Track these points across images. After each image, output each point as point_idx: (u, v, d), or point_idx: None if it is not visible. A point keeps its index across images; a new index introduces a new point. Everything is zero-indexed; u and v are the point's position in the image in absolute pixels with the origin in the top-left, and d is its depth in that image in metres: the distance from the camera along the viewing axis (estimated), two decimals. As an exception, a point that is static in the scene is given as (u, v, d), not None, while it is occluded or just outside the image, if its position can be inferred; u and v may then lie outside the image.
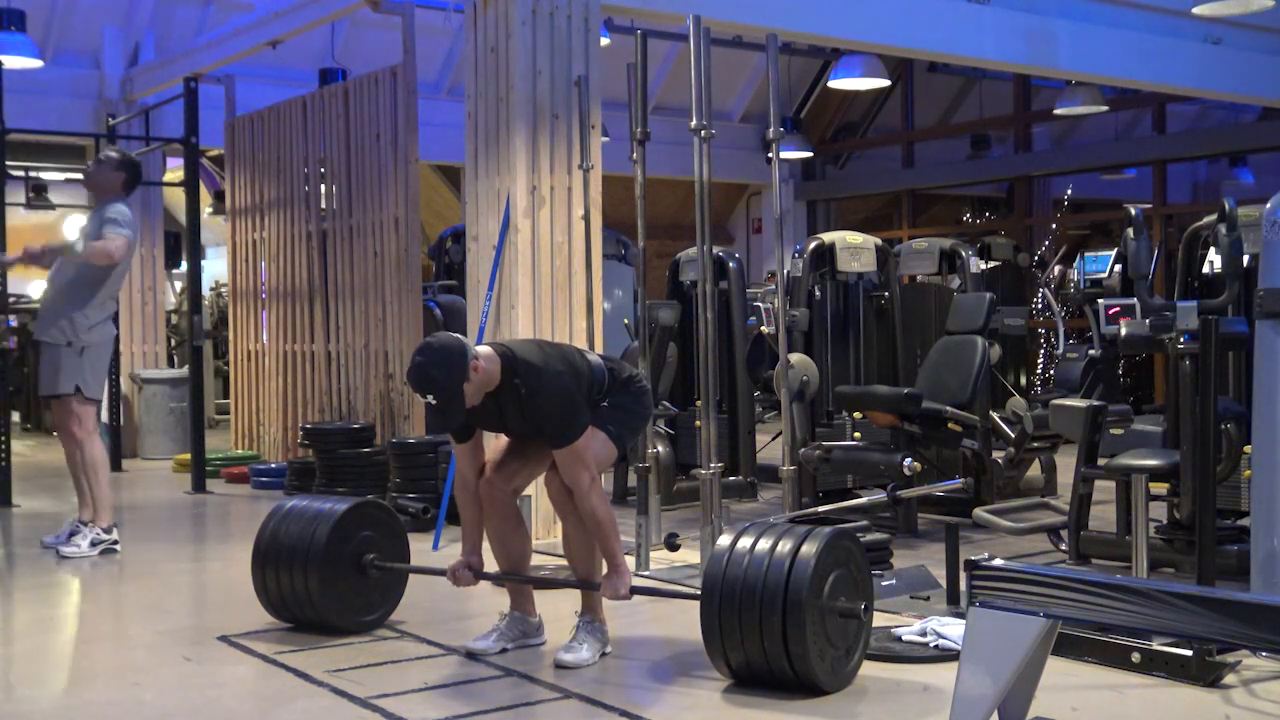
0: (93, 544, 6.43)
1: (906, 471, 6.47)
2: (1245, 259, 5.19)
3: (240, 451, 10.22)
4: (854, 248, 7.72)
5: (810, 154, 15.59)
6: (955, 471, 6.99)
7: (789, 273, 7.28)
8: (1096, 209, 16.28)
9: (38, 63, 9.74)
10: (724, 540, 4.14)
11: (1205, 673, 3.95)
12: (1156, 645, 4.05)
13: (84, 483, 6.54)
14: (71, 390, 6.45)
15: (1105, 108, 13.22)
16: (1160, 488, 5.55)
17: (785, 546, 3.97)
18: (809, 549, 3.94)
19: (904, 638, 4.46)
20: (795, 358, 6.82)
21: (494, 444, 4.53)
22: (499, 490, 4.45)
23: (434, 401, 4.10)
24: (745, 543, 4.05)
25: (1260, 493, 4.43)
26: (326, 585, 4.70)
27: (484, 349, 4.24)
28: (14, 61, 9.31)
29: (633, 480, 6.79)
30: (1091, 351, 8.35)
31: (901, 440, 6.75)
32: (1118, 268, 10.72)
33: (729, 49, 12.07)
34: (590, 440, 4.27)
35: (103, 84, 11.44)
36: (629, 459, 6.93)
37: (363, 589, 4.83)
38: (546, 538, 6.40)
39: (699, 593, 4.09)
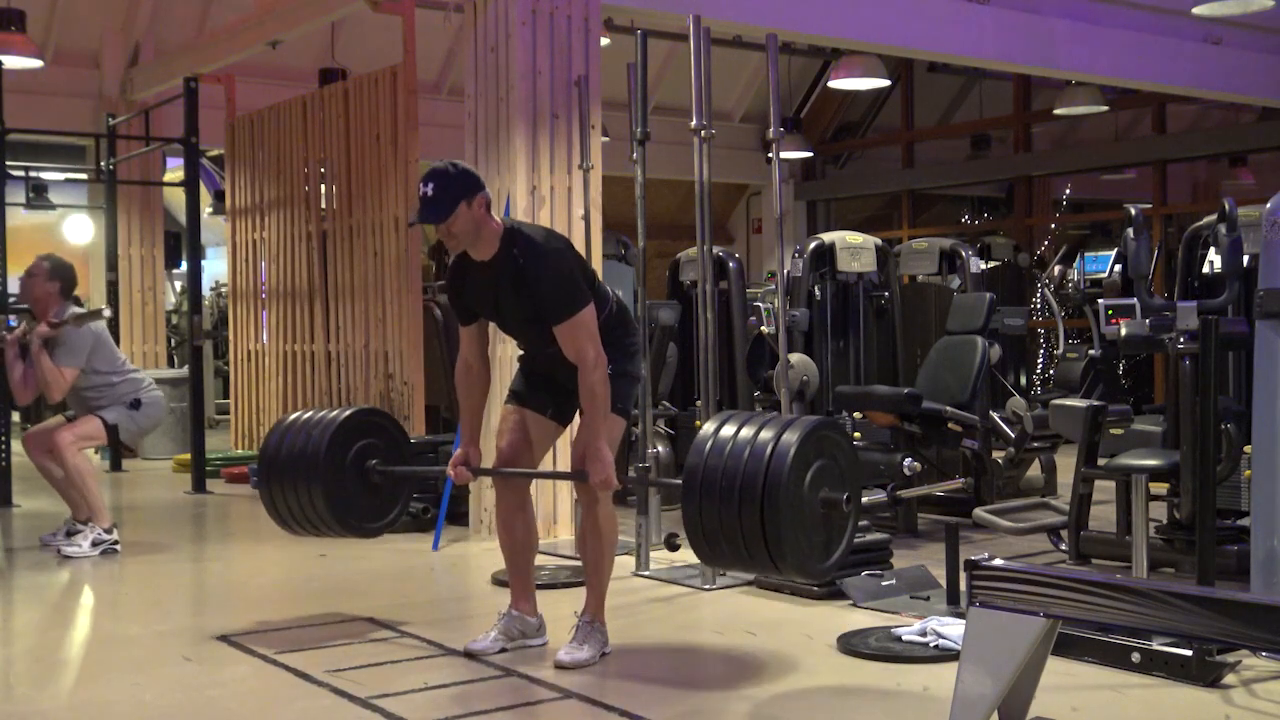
0: (94, 544, 6.43)
1: (906, 471, 6.47)
2: (1245, 259, 5.19)
3: (240, 451, 10.22)
4: (854, 248, 7.71)
5: (810, 154, 15.57)
6: (955, 471, 6.99)
7: (789, 273, 7.28)
8: (1096, 209, 16.28)
9: (38, 63, 9.74)
10: (707, 427, 4.07)
11: (1205, 673, 3.95)
12: (1156, 645, 4.05)
13: (72, 493, 6.55)
14: (110, 422, 6.55)
15: (1105, 108, 13.22)
16: (1160, 488, 5.55)
17: (766, 435, 3.89)
18: (790, 438, 3.85)
19: (904, 638, 4.46)
20: (795, 358, 6.82)
21: (501, 441, 4.50)
22: (509, 482, 4.49)
23: (429, 192, 4.16)
24: (728, 431, 3.98)
25: (1260, 493, 4.43)
26: (332, 496, 4.70)
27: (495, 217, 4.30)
28: (14, 61, 9.31)
29: (633, 480, 6.79)
30: (1091, 351, 8.35)
31: (901, 440, 6.75)
32: (1118, 268, 10.73)
33: (729, 49, 12.07)
34: (593, 314, 4.25)
35: (103, 84, 11.45)
36: (629, 460, 6.94)
37: (369, 496, 4.83)
38: (545, 538, 6.40)
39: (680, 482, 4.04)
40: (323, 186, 9.46)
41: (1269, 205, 4.40)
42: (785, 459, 3.80)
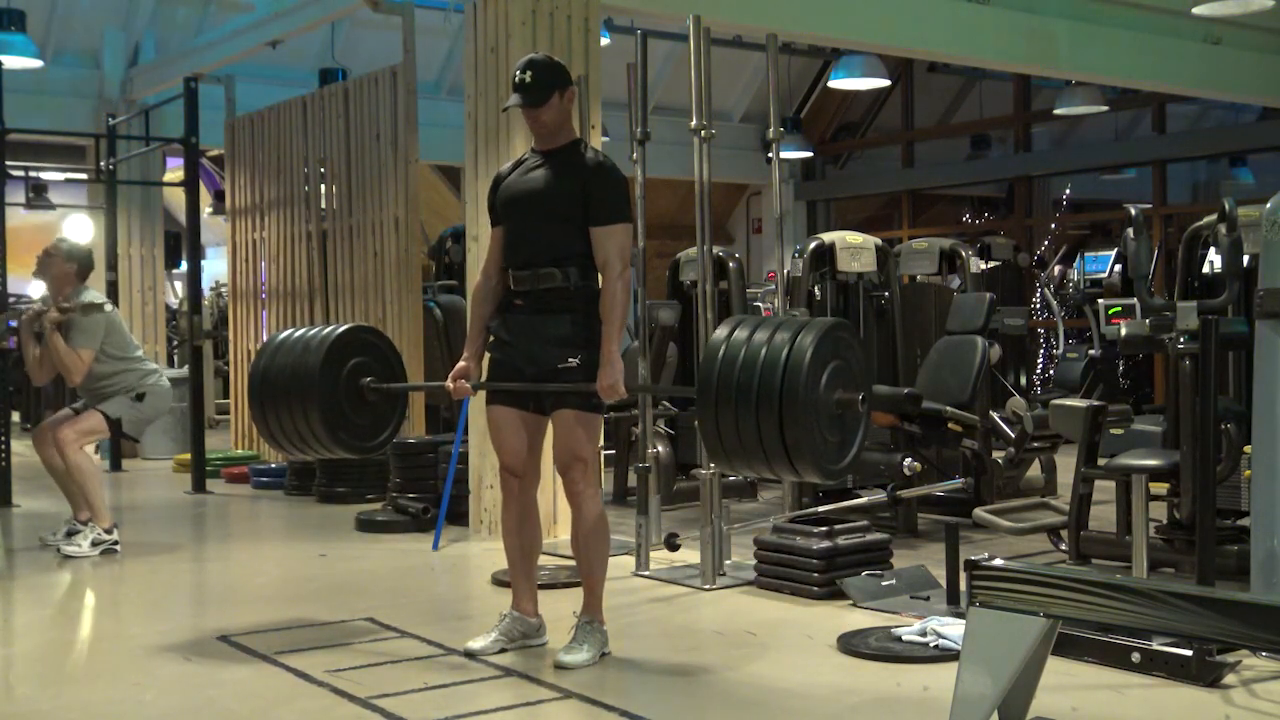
0: (94, 544, 6.42)
1: (906, 471, 6.46)
2: (1245, 259, 5.19)
3: (240, 451, 10.22)
4: (854, 248, 7.72)
5: (810, 154, 15.58)
6: (955, 471, 6.99)
7: (789, 273, 7.28)
8: (1096, 209, 16.28)
9: (38, 63, 9.74)
10: (719, 333, 4.07)
11: (1205, 673, 3.95)
12: (1156, 645, 4.05)
13: (74, 489, 6.54)
14: (112, 416, 6.54)
15: (1105, 108, 13.22)
16: (1160, 488, 5.55)
17: (781, 338, 3.89)
18: (805, 340, 3.86)
19: (904, 638, 4.46)
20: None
21: (505, 446, 4.49)
22: (512, 487, 4.50)
23: (527, 78, 4.28)
24: (741, 335, 3.98)
25: (1260, 493, 4.43)
26: (327, 414, 4.64)
27: None
28: (14, 61, 9.30)
29: (633, 480, 6.79)
30: (1091, 351, 8.36)
31: (901, 440, 6.75)
32: (1118, 268, 10.73)
33: (729, 49, 12.06)
34: (630, 236, 4.34)
35: (103, 84, 11.45)
36: (629, 459, 6.94)
37: (363, 414, 4.78)
38: (546, 538, 6.39)
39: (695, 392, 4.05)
40: (323, 186, 9.46)
41: (1269, 205, 4.40)
42: (803, 361, 3.81)
